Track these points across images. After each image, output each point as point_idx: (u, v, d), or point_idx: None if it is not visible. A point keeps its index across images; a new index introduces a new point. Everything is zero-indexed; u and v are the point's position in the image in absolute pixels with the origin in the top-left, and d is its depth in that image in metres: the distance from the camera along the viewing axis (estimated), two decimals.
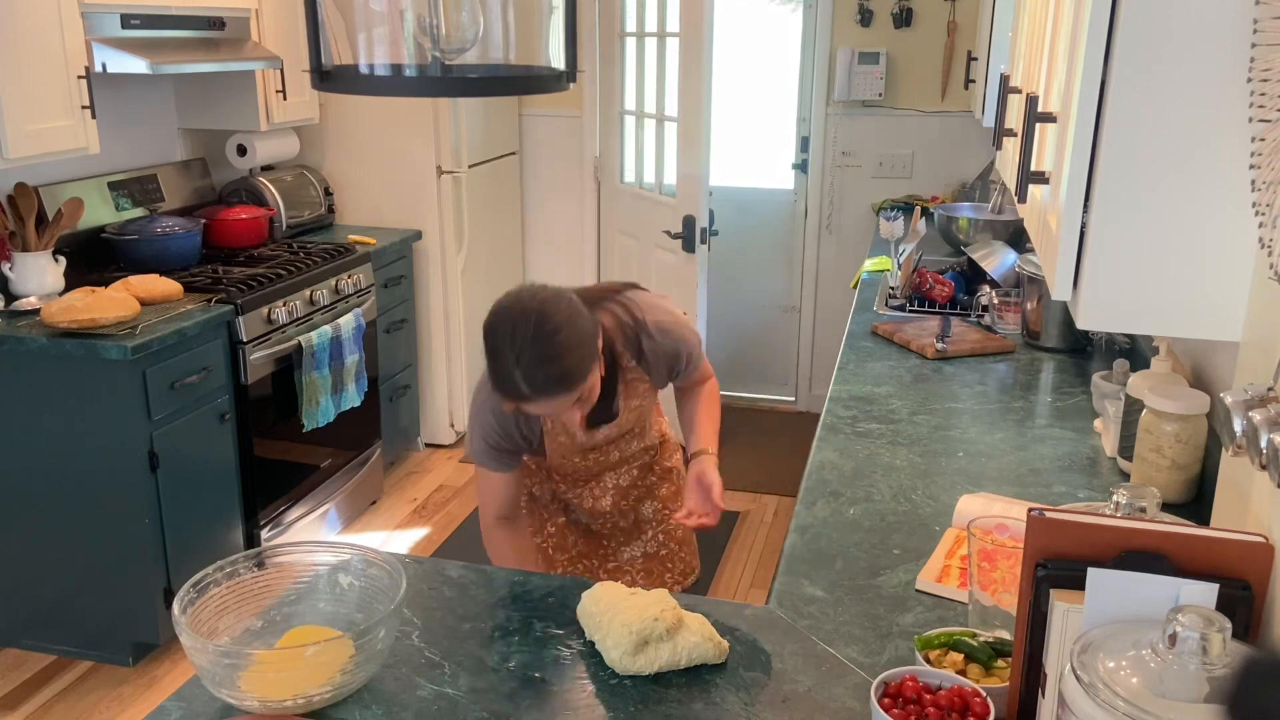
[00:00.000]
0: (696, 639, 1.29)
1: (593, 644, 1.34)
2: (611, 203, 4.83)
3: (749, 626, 1.39)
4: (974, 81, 4.07)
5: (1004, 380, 2.41)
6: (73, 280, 3.09)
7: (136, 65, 3.05)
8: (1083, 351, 2.61)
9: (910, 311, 2.96)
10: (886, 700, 1.13)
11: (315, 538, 3.61)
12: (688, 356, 1.87)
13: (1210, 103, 1.05)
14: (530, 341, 1.53)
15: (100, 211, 3.40)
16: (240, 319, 3.14)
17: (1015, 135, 1.57)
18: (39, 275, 3.01)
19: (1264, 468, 0.91)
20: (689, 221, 4.14)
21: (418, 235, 4.27)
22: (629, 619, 1.29)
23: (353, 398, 3.69)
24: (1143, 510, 1.27)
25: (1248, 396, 0.95)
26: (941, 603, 1.46)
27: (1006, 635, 1.24)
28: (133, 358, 2.73)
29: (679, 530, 2.09)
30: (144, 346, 2.76)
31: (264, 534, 3.37)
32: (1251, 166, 1.03)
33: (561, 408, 1.61)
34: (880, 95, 4.61)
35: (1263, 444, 0.91)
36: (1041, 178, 1.29)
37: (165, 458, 2.89)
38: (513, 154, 4.89)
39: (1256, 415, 0.92)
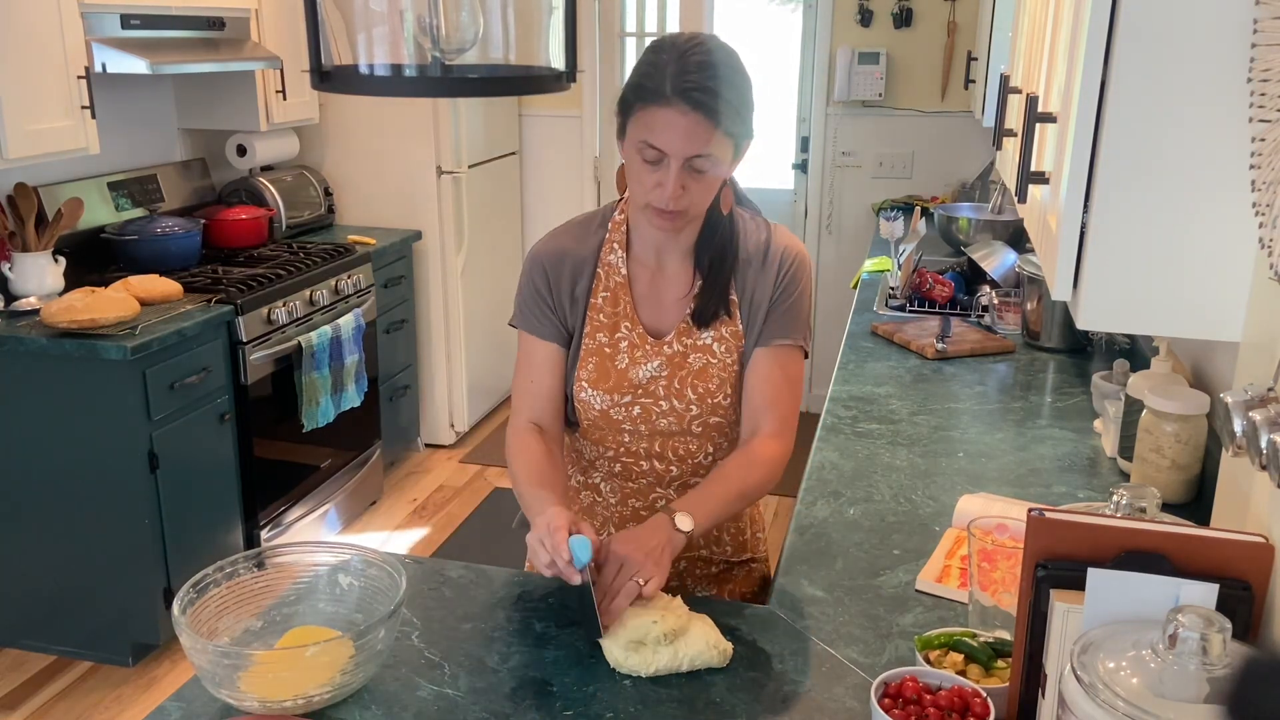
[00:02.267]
0: (701, 647, 1.29)
1: (593, 643, 1.34)
2: None
3: (749, 626, 1.39)
4: (974, 81, 4.07)
5: (1004, 380, 2.41)
6: (72, 280, 3.09)
7: (136, 65, 3.05)
8: (1083, 351, 2.61)
9: (910, 311, 2.96)
10: (886, 701, 1.13)
11: (315, 538, 3.61)
12: (791, 312, 1.55)
13: (1210, 103, 1.05)
14: (703, 50, 1.36)
15: (100, 211, 3.40)
16: (240, 319, 3.14)
17: (1015, 135, 1.57)
18: (39, 275, 3.01)
19: (1264, 468, 0.91)
20: None
21: (418, 235, 4.27)
22: (627, 616, 1.29)
23: (352, 398, 3.69)
24: (1143, 510, 1.27)
25: (1248, 396, 0.95)
26: (941, 603, 1.46)
27: (1006, 635, 1.24)
28: (132, 358, 2.73)
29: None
30: (144, 347, 2.76)
31: (264, 534, 3.37)
32: (1251, 166, 1.03)
33: (684, 139, 1.35)
34: (880, 95, 4.61)
35: (1263, 444, 0.91)
36: (1041, 178, 1.29)
37: (165, 458, 2.89)
38: (513, 154, 4.89)
39: (1256, 415, 0.92)
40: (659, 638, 1.27)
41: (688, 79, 1.34)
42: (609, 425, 1.58)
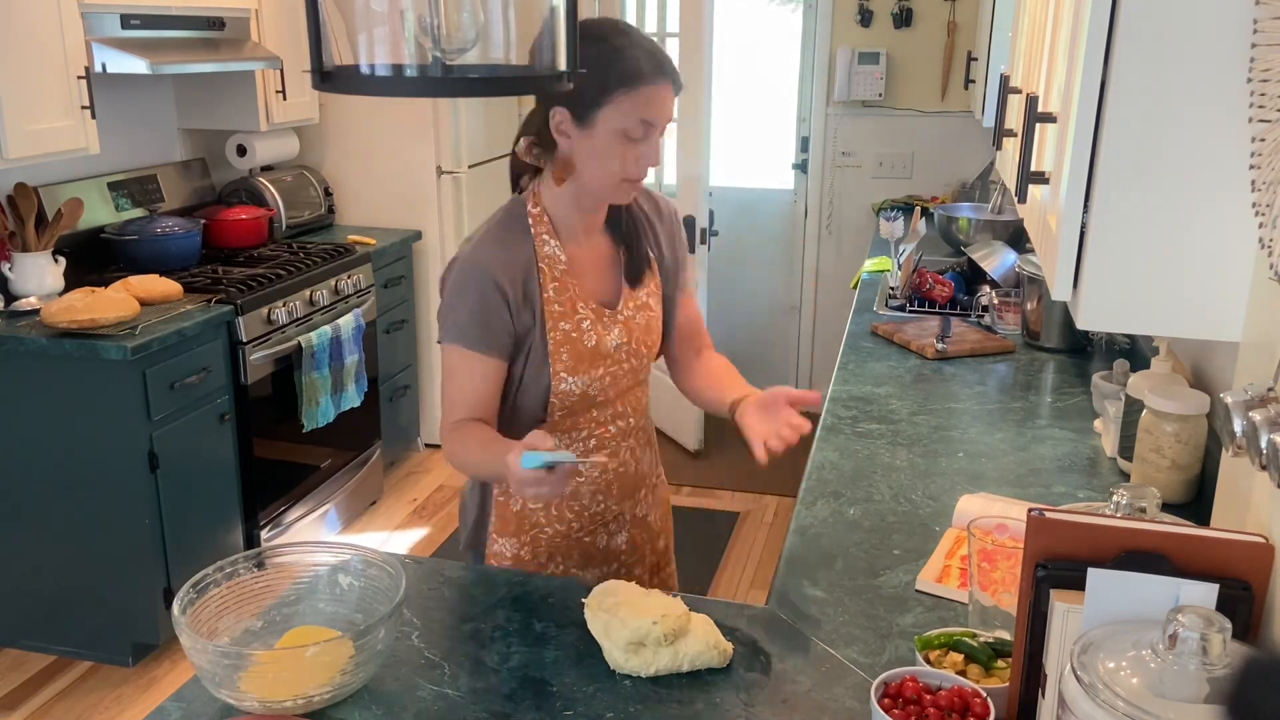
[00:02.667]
0: (701, 647, 1.29)
1: (593, 643, 1.34)
2: None
3: (749, 626, 1.39)
4: (974, 81, 4.07)
5: (1004, 380, 2.41)
6: (72, 280, 3.09)
7: (136, 65, 3.05)
8: (1083, 351, 2.61)
9: (910, 312, 2.96)
10: (886, 701, 1.13)
11: (315, 538, 3.61)
12: (685, 255, 1.81)
13: (1210, 103, 1.05)
14: (638, 32, 1.55)
15: (100, 212, 3.40)
16: (240, 319, 3.14)
17: (1015, 135, 1.57)
18: (39, 275, 3.01)
19: (1264, 468, 0.91)
20: (689, 222, 4.14)
21: (418, 235, 4.27)
22: (627, 618, 1.29)
23: (352, 398, 3.69)
24: (1143, 510, 1.27)
25: (1248, 397, 0.95)
26: (941, 603, 1.46)
27: (1006, 635, 1.24)
28: (132, 358, 2.73)
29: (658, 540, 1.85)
30: (144, 347, 2.76)
31: (264, 534, 3.37)
32: (1251, 167, 1.03)
33: (670, 110, 1.52)
34: (880, 95, 4.61)
35: (1263, 444, 0.91)
36: (1041, 178, 1.29)
37: (165, 458, 2.89)
38: (513, 154, 4.88)
39: (1256, 415, 0.92)
40: (659, 639, 1.27)
41: (660, 58, 1.51)
42: (584, 405, 1.65)
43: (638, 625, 1.28)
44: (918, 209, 3.49)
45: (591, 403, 1.65)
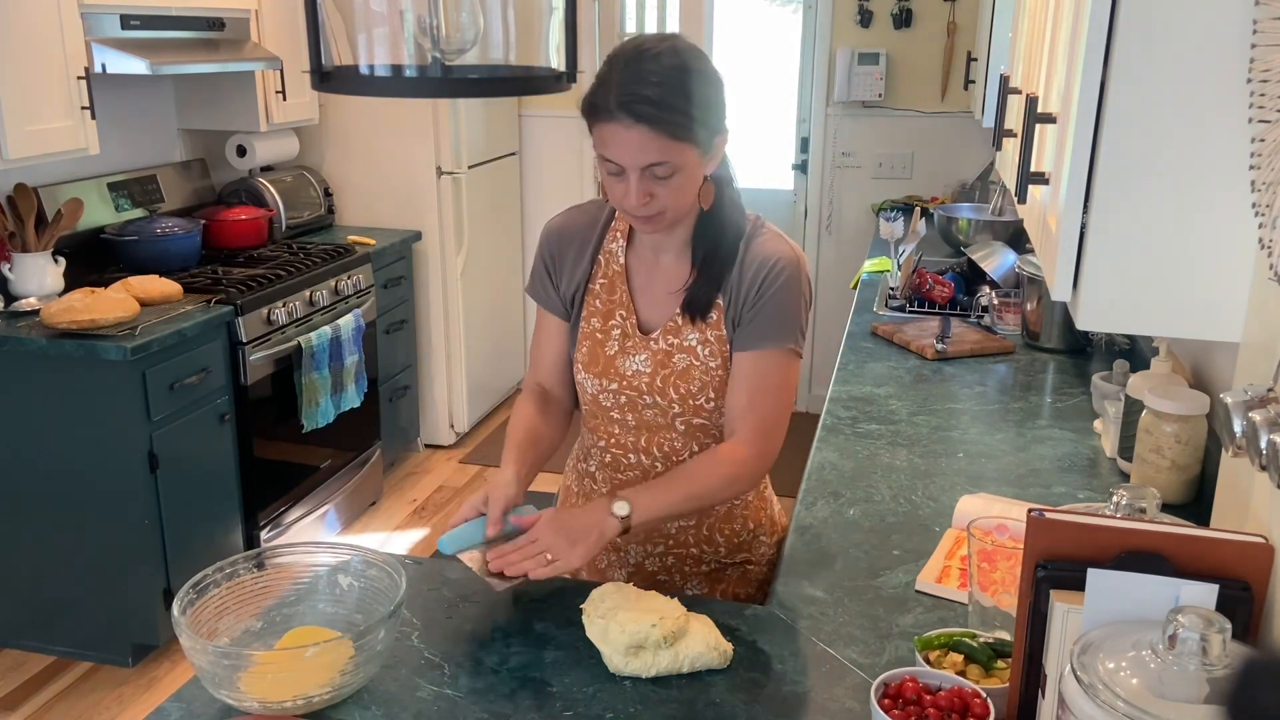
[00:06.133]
0: (701, 649, 1.29)
1: (593, 643, 1.34)
2: None
3: (749, 627, 1.39)
4: (974, 82, 4.07)
5: (1004, 381, 2.41)
6: (72, 281, 3.09)
7: (136, 66, 3.05)
8: (1083, 352, 2.61)
9: (910, 312, 2.96)
10: (886, 701, 1.13)
11: (315, 538, 3.61)
12: (768, 315, 1.49)
13: (1210, 103, 1.05)
14: (650, 57, 1.35)
15: (100, 212, 3.40)
16: (240, 320, 3.14)
17: (1015, 136, 1.57)
18: (39, 276, 3.01)
19: (1264, 468, 0.91)
20: None
21: (417, 236, 4.27)
22: (625, 621, 1.29)
23: (352, 398, 3.69)
24: (1142, 511, 1.27)
25: (1248, 397, 0.95)
26: (941, 603, 1.46)
27: (1006, 636, 1.24)
28: (132, 358, 2.73)
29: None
30: (144, 347, 2.76)
31: (263, 535, 3.37)
32: (1251, 167, 1.03)
33: (635, 151, 1.34)
34: (880, 96, 4.61)
35: (1263, 444, 0.91)
36: (1041, 178, 1.29)
37: (165, 458, 2.89)
38: (513, 154, 4.89)
39: (1256, 416, 0.92)
40: (659, 641, 1.27)
41: (630, 91, 1.33)
42: (600, 412, 1.62)
43: (636, 629, 1.28)
44: (917, 209, 3.49)
45: (607, 414, 1.60)
